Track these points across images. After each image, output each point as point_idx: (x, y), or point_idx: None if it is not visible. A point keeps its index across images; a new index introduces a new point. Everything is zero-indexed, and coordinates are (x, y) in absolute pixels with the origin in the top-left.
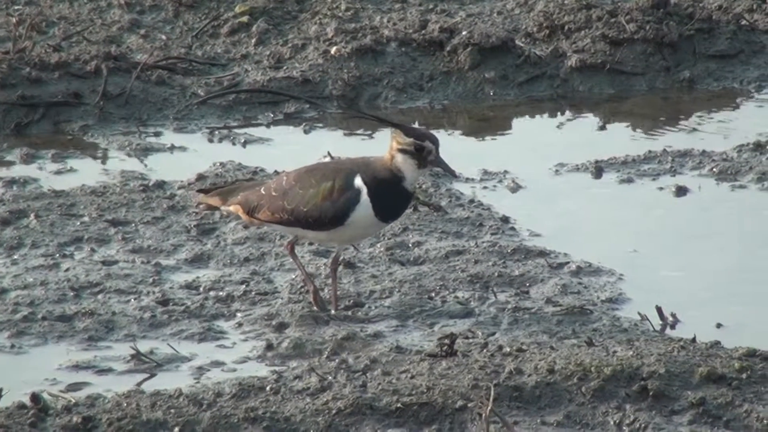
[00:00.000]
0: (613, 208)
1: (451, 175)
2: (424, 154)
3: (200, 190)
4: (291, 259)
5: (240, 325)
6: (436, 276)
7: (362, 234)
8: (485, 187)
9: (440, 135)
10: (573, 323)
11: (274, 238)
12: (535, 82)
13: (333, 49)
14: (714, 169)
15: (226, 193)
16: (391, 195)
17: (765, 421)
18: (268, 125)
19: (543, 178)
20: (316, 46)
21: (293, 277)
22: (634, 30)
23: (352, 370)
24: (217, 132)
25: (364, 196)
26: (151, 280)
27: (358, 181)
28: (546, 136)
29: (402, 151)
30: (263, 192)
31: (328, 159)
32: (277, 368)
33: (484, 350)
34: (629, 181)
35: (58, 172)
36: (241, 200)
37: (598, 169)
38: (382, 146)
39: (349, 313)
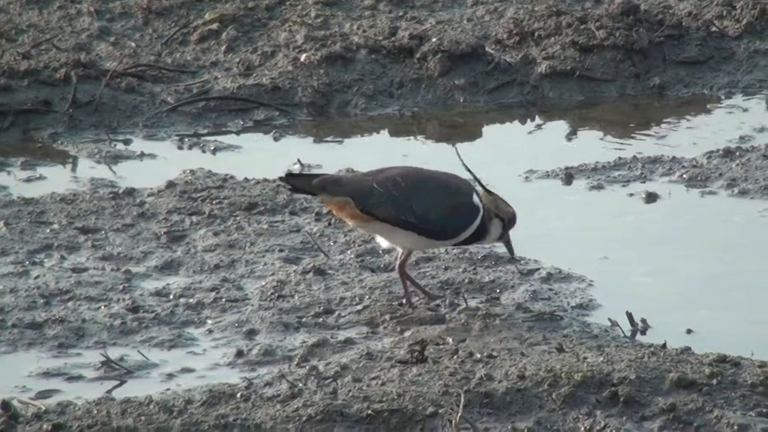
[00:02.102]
0: (583, 214)
1: (511, 254)
2: (506, 227)
3: (289, 175)
4: (401, 280)
5: (210, 332)
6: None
7: (449, 246)
8: None
9: (410, 142)
10: (543, 329)
11: (244, 245)
12: (505, 89)
13: (303, 57)
14: (684, 176)
15: (329, 182)
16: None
17: (735, 427)
18: (237, 132)
19: (513, 184)
20: (285, 54)
21: (263, 284)
22: (603, 36)
23: (323, 377)
24: (186, 139)
25: (479, 215)
26: (121, 287)
27: (477, 200)
28: (516, 143)
29: (497, 216)
30: (380, 189)
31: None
32: (247, 375)
33: (455, 356)
34: (599, 187)
35: (28, 180)
36: (353, 194)
37: (569, 176)
38: (351, 152)
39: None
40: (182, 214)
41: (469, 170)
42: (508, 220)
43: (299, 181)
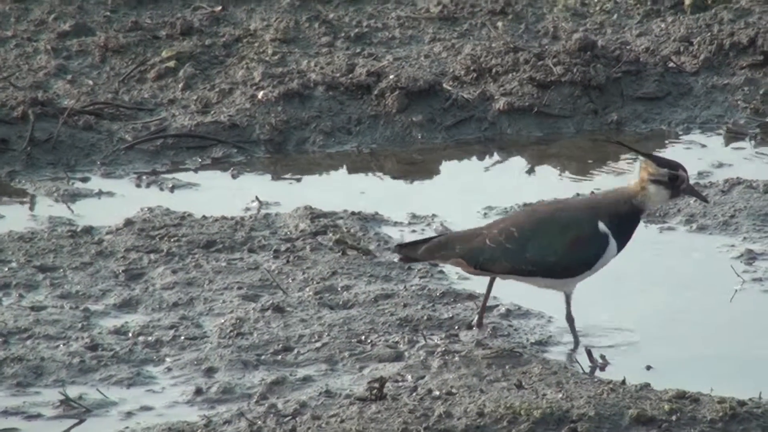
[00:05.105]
0: None
1: (704, 201)
2: (678, 183)
3: (399, 245)
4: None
5: (169, 369)
6: (366, 320)
7: (596, 272)
8: (414, 231)
9: (369, 178)
10: (503, 366)
11: (202, 283)
12: (463, 125)
13: (260, 94)
14: None
15: (438, 247)
16: (630, 229)
17: None
18: (195, 170)
19: (471, 221)
20: (243, 91)
21: (222, 321)
22: (561, 73)
23: (282, 415)
24: (144, 177)
25: (611, 239)
26: (79, 325)
27: (602, 227)
28: (474, 179)
29: (655, 182)
30: (491, 244)
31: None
32: (206, 413)
33: (414, 393)
34: None
35: None
36: (463, 254)
37: None
38: (310, 190)
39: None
40: (140, 252)
41: (622, 143)
42: (671, 177)
43: (408, 251)
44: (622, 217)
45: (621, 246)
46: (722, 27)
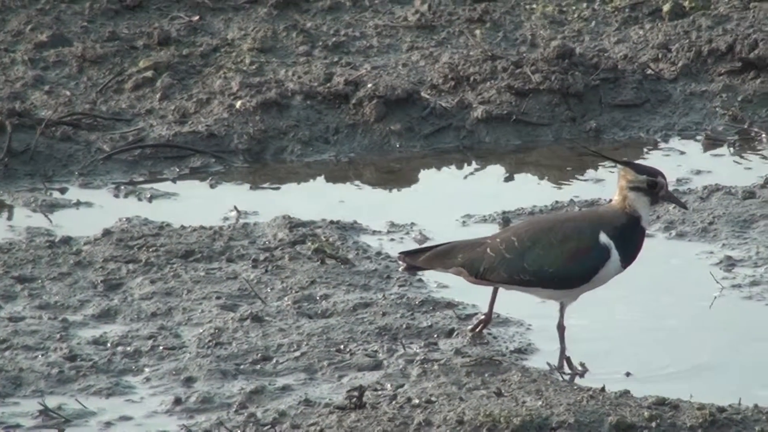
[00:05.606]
0: None
1: (683, 208)
2: (656, 189)
3: (404, 253)
4: (559, 338)
5: (148, 379)
6: (344, 329)
7: (600, 285)
8: (392, 239)
9: (347, 187)
10: (482, 374)
11: (181, 293)
12: (441, 134)
13: (238, 103)
14: None
15: (440, 255)
16: (633, 240)
17: None
18: (173, 180)
19: (450, 229)
20: (221, 101)
21: (201, 331)
22: (539, 81)
23: (261, 424)
24: (122, 187)
25: (614, 250)
26: (58, 336)
27: (604, 238)
28: (453, 188)
29: (634, 189)
30: (492, 254)
31: (543, 214)
32: (185, 423)
33: (393, 402)
34: None
35: None
36: (464, 263)
37: (506, 220)
38: (288, 199)
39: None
40: (119, 262)
41: (595, 153)
42: (649, 183)
43: (411, 259)
44: (623, 229)
45: (626, 259)
46: (700, 34)
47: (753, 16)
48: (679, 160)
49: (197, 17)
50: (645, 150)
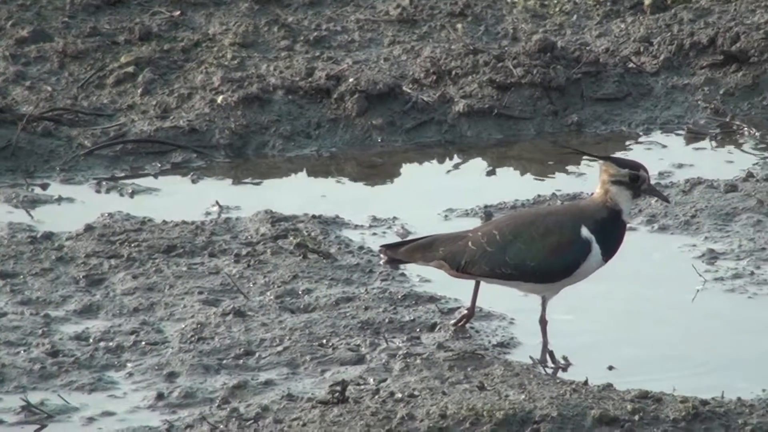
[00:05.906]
0: None
1: (665, 201)
2: (639, 183)
3: (385, 246)
4: (542, 333)
5: (130, 375)
6: (327, 323)
7: (582, 279)
8: (375, 234)
9: (329, 182)
10: (465, 368)
11: (163, 288)
12: (423, 128)
13: (219, 98)
14: None
15: (421, 248)
16: (614, 234)
17: None
18: (155, 175)
19: (432, 223)
20: (202, 96)
21: (183, 326)
22: (521, 74)
23: (244, 419)
24: (104, 183)
25: (594, 244)
26: (40, 331)
27: (585, 232)
28: (435, 182)
29: (616, 183)
30: (473, 247)
31: (532, 207)
32: (168, 417)
33: (376, 396)
34: None
35: None
36: (445, 256)
37: (488, 214)
38: (270, 194)
39: None
40: (101, 258)
41: (577, 150)
42: (631, 177)
43: (392, 252)
44: (604, 223)
45: (607, 253)
46: (682, 27)
47: (734, 9)
48: (661, 154)
49: (178, 12)
50: (627, 143)
